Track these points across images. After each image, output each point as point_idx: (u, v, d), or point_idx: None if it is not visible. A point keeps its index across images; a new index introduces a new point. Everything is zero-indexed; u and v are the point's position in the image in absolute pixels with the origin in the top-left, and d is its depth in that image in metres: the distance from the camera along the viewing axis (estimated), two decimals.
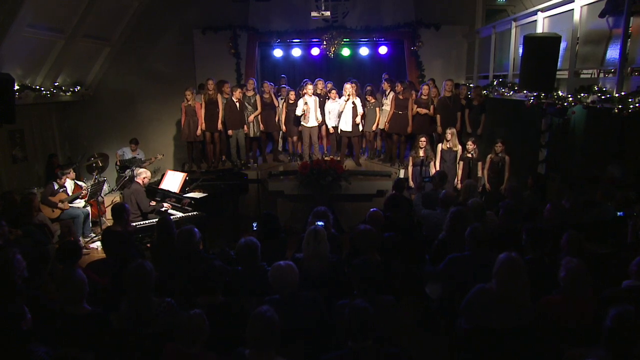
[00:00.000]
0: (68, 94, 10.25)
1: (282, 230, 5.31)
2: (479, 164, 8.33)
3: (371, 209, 5.17)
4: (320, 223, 4.59)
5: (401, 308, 3.77)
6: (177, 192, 7.29)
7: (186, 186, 7.46)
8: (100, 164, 10.68)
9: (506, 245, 4.53)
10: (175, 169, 11.72)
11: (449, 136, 8.36)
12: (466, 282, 4.16)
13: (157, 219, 6.49)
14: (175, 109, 10.08)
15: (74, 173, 8.60)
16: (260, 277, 4.06)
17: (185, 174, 7.38)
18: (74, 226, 8.01)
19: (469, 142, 8.19)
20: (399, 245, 4.97)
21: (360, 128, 9.23)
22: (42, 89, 9.22)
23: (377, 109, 9.79)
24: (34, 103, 9.49)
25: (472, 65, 10.62)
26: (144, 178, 6.91)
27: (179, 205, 7.16)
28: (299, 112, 9.21)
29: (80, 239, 8.04)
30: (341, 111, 9.23)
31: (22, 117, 9.91)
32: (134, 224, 6.37)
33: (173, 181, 7.47)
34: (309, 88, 9.26)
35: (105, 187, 10.54)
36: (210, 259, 4.45)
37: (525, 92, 7.25)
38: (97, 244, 8.00)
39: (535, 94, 6.98)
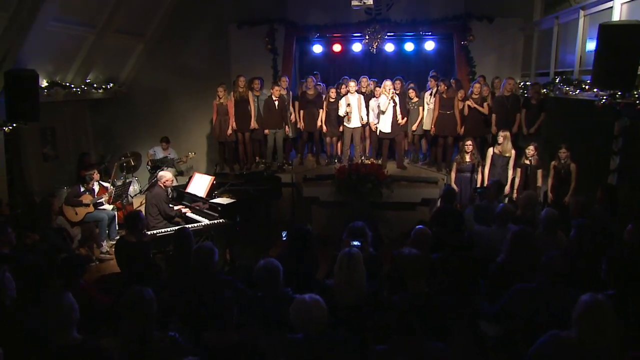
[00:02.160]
0: (100, 91, 9.97)
1: (315, 247, 4.63)
2: (539, 171, 7.43)
3: (417, 226, 4.43)
4: (356, 243, 3.89)
5: (451, 354, 3.03)
6: (204, 196, 6.77)
7: (214, 190, 6.93)
8: (133, 163, 10.39)
9: (581, 277, 3.74)
10: (207, 170, 11.36)
11: (501, 139, 7.49)
12: (533, 320, 3.42)
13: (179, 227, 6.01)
14: (209, 107, 9.59)
15: (98, 174, 8.23)
16: (282, 306, 3.42)
17: (212, 178, 6.84)
18: (99, 229, 7.64)
19: (530, 147, 7.29)
20: (449, 269, 4.21)
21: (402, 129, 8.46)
22: (73, 85, 8.93)
23: (420, 108, 9.01)
24: (64, 100, 9.23)
25: (529, 61, 9.64)
26: (166, 181, 6.42)
27: (205, 211, 6.63)
28: (341, 112, 8.53)
29: (104, 243, 7.66)
30: (383, 111, 8.47)
31: (53, 114, 9.72)
32: (155, 231, 5.87)
33: (200, 185, 6.95)
34: (352, 85, 8.56)
35: (136, 187, 10.23)
36: (228, 282, 3.83)
37: (595, 90, 6.30)
38: None
39: (609, 92, 6.01)
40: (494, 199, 5.79)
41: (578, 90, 7.04)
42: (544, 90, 8.13)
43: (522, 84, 9.20)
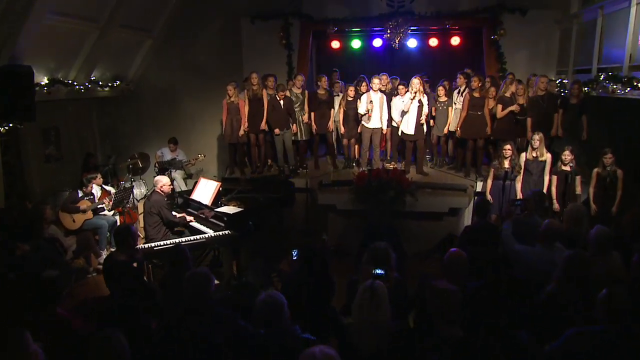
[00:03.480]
0: (106, 89, 9.49)
1: (328, 267, 3.99)
2: (578, 178, 6.68)
3: (451, 249, 3.74)
4: (379, 272, 3.22)
5: None
6: (209, 204, 6.17)
7: (221, 197, 6.33)
8: (141, 165, 9.90)
9: None
10: (218, 172, 10.80)
11: (536, 142, 6.76)
12: None
13: (179, 240, 5.44)
14: (219, 107, 8.98)
15: (101, 178, 7.71)
16: (288, 349, 2.81)
17: (218, 184, 6.25)
18: (99, 237, 7.11)
19: (566, 152, 6.55)
20: (488, 301, 3.53)
21: (426, 130, 7.74)
22: (76, 83, 8.44)
23: (450, 108, 8.29)
24: (68, 99, 8.75)
25: (566, 57, 8.84)
26: (162, 186, 5.84)
27: (210, 220, 6.03)
28: (362, 110, 7.84)
29: (105, 252, 7.13)
30: (405, 111, 7.79)
31: (56, 113, 9.27)
32: (153, 244, 5.29)
33: (205, 191, 6.36)
34: (375, 82, 7.88)
35: (143, 190, 9.72)
36: (226, 318, 3.21)
37: None
38: None
39: None
40: (536, 212, 5.05)
41: (628, 89, 6.27)
42: (586, 88, 7.36)
43: (558, 81, 8.41)
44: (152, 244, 5.26)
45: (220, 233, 5.62)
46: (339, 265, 6.84)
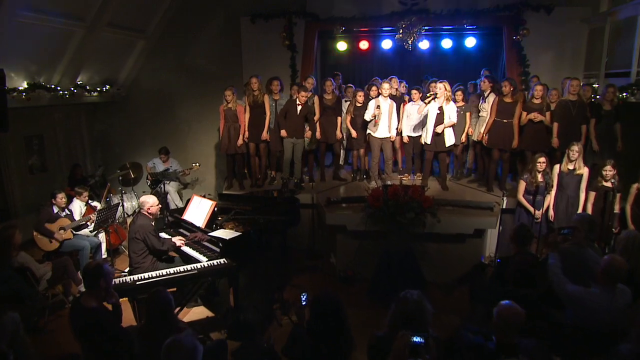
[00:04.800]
0: (95, 94, 8.74)
1: (346, 321, 3.22)
2: (618, 196, 5.92)
3: (502, 302, 2.97)
4: (418, 340, 2.44)
5: None
6: (202, 226, 5.41)
7: (216, 217, 5.57)
8: (133, 175, 9.19)
9: None
10: (217, 184, 10.03)
11: (574, 153, 5.99)
12: None
13: (167, 271, 4.68)
14: (218, 112, 8.28)
15: (87, 193, 6.98)
16: None
17: (213, 203, 5.48)
18: (81, 260, 6.36)
19: (608, 167, 5.78)
20: None
21: (452, 141, 6.97)
22: (59, 88, 7.70)
23: (468, 114, 7.55)
24: (54, 105, 8.03)
25: (596, 59, 8.07)
26: (150, 208, 5.08)
27: (205, 244, 5.28)
28: (367, 116, 7.12)
29: None
30: (423, 116, 7.05)
31: (40, 121, 8.55)
32: (136, 278, 4.53)
33: (198, 211, 5.60)
34: (385, 88, 7.13)
35: (134, 204, 8.98)
36: None
37: None
38: None
39: None
40: (587, 242, 4.28)
41: None
42: (624, 94, 6.60)
43: (592, 85, 7.64)
44: (136, 278, 4.49)
45: (215, 262, 4.85)
46: (349, 294, 6.11)
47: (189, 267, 4.76)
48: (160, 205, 5.25)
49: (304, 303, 3.49)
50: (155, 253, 5.10)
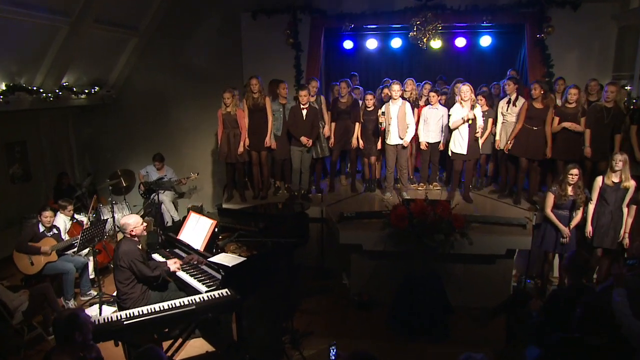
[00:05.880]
0: (82, 96, 8.04)
1: None
2: None
3: None
4: None
5: None
6: (201, 249, 4.74)
7: (216, 238, 4.89)
8: (124, 184, 8.52)
9: None
10: (214, 194, 9.34)
11: (619, 164, 5.38)
12: None
13: (161, 306, 4.00)
14: (216, 116, 7.63)
15: (72, 206, 6.30)
16: None
17: (213, 223, 4.80)
18: (64, 285, 5.68)
19: None
20: None
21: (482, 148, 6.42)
22: (42, 90, 7.01)
23: (491, 120, 6.92)
24: (37, 109, 7.34)
25: (627, 60, 7.44)
26: (133, 230, 4.38)
27: (203, 269, 4.61)
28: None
29: (71, 302, 5.71)
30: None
31: (22, 126, 7.86)
32: (123, 316, 3.84)
33: (196, 232, 4.92)
34: (395, 89, 6.50)
35: (126, 214, 8.29)
36: None
37: None
38: (94, 312, 5.62)
39: None
40: None
41: None
42: None
43: (627, 88, 7.01)
44: (123, 315, 3.81)
45: (216, 294, 4.17)
46: (365, 322, 5.47)
47: (185, 300, 4.08)
48: (145, 224, 4.54)
49: (332, 358, 2.83)
50: (144, 281, 4.42)
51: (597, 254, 5.77)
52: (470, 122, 6.23)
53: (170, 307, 4.00)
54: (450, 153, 6.52)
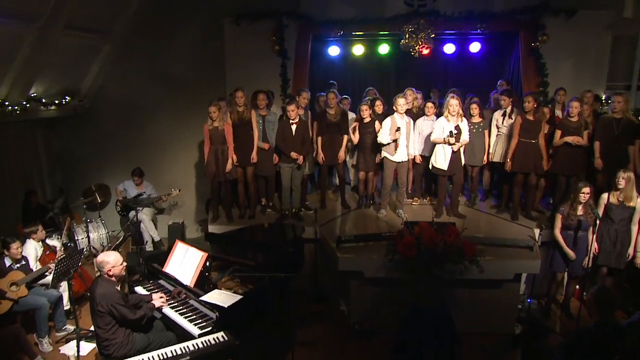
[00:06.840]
0: (52, 107, 7.46)
1: None
2: None
3: None
4: None
5: None
6: (191, 285, 4.31)
7: (207, 271, 4.46)
8: (99, 200, 8.02)
9: None
10: (197, 211, 8.84)
11: (621, 182, 5.21)
12: None
13: (150, 357, 3.56)
14: (197, 126, 7.14)
15: (43, 231, 5.75)
16: None
17: (204, 255, 4.37)
18: (37, 322, 5.15)
19: None
20: None
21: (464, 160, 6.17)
22: (7, 103, 6.42)
23: (486, 132, 6.68)
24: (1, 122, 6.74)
25: (624, 69, 7.31)
26: (111, 269, 3.91)
27: (194, 306, 4.18)
28: (385, 139, 6.14)
29: (45, 340, 5.19)
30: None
31: None
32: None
33: (184, 265, 4.48)
34: (400, 103, 6.17)
35: (102, 233, 7.78)
36: None
37: None
38: (71, 350, 5.12)
39: None
40: None
41: None
42: None
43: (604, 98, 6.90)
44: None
45: (211, 339, 3.75)
46: (366, 351, 5.13)
47: (177, 349, 3.66)
48: (124, 265, 4.08)
49: None
50: (127, 324, 3.97)
51: (602, 272, 5.61)
52: (453, 145, 5.97)
53: (161, 357, 3.57)
54: (430, 167, 6.25)
